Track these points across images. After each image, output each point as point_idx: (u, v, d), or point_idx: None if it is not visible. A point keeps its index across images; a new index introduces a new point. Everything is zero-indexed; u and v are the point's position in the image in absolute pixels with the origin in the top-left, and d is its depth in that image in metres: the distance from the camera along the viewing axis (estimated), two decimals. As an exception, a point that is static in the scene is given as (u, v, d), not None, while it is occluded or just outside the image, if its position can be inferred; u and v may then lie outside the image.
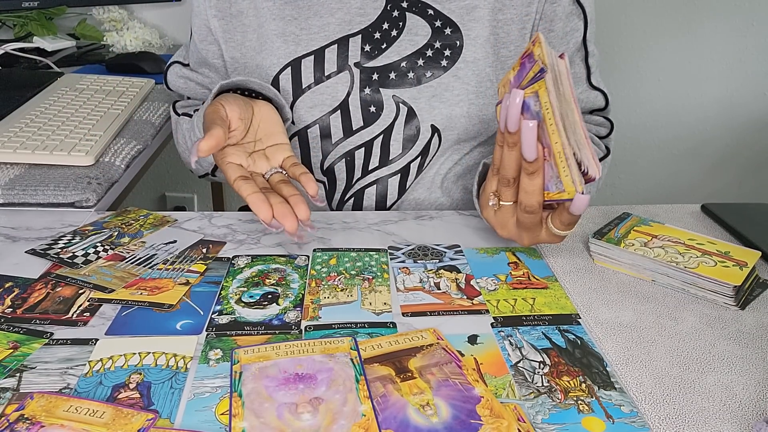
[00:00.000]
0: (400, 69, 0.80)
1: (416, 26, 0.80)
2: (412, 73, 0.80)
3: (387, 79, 0.80)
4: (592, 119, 0.90)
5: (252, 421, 0.46)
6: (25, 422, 0.46)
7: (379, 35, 0.80)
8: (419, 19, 0.80)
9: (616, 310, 0.62)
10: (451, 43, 0.79)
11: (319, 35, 0.80)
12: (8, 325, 0.57)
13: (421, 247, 0.72)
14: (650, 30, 1.78)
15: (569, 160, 0.56)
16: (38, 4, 1.36)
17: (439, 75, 0.80)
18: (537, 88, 0.56)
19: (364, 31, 0.80)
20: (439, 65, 0.80)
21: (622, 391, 0.52)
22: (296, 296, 0.63)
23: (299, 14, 0.81)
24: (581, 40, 0.82)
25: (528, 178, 0.60)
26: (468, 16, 0.79)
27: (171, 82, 0.93)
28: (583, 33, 0.82)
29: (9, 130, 0.90)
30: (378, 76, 0.80)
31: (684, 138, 1.93)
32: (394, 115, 0.81)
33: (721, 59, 1.81)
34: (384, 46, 0.80)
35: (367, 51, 0.80)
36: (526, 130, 0.57)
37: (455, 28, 0.79)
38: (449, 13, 0.80)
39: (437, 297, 0.63)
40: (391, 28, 0.80)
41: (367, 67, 0.80)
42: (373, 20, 0.80)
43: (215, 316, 0.59)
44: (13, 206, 0.78)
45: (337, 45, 0.80)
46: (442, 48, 0.80)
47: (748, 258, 0.66)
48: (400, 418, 0.47)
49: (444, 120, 0.81)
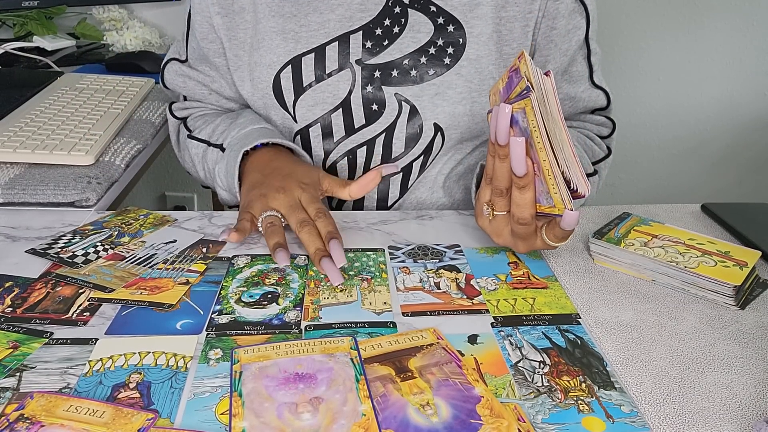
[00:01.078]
0: (402, 66, 0.79)
1: (418, 23, 0.79)
2: (415, 70, 0.79)
3: (389, 77, 0.80)
4: (593, 119, 0.90)
5: (252, 421, 0.46)
6: (25, 422, 0.46)
7: (380, 31, 0.79)
8: (421, 16, 0.79)
9: (616, 310, 0.62)
10: (453, 40, 0.79)
11: (320, 32, 0.80)
12: (8, 324, 0.57)
13: (421, 246, 0.72)
14: (650, 29, 1.78)
15: (557, 178, 0.57)
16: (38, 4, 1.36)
17: (442, 73, 0.79)
18: (524, 105, 0.56)
19: (364, 27, 0.79)
20: (442, 63, 0.79)
21: (622, 390, 0.52)
22: (296, 296, 0.62)
23: (298, 11, 0.80)
24: (584, 38, 0.82)
25: (519, 192, 0.60)
26: (471, 13, 0.79)
27: (168, 80, 0.92)
28: (585, 31, 0.81)
29: (9, 129, 0.90)
30: (380, 73, 0.79)
31: (684, 138, 1.93)
32: (397, 113, 0.80)
33: (721, 59, 1.81)
34: (386, 43, 0.79)
35: (369, 48, 0.79)
36: (515, 146, 0.57)
37: (458, 25, 0.79)
38: (452, 9, 0.79)
39: (437, 297, 0.63)
40: (393, 25, 0.79)
41: (369, 65, 0.80)
42: (374, 16, 0.79)
43: (215, 316, 0.59)
44: (12, 206, 0.78)
45: (337, 42, 0.79)
46: (445, 45, 0.79)
47: (748, 258, 0.66)
48: (400, 417, 0.47)
49: (447, 118, 0.80)
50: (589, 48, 0.83)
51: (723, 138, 1.92)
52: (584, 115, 0.89)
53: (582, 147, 0.84)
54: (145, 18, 1.60)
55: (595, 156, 0.86)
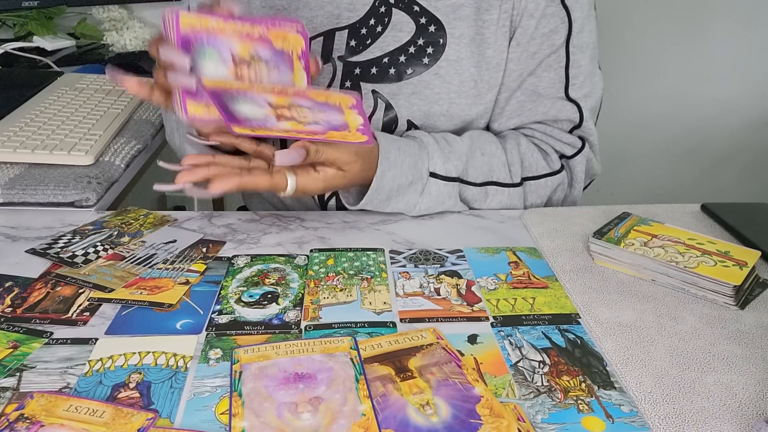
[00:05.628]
0: (381, 64, 0.80)
1: (401, 22, 0.80)
2: (393, 69, 0.80)
3: (368, 74, 0.81)
4: (562, 136, 0.83)
5: (252, 421, 0.46)
6: (25, 422, 0.46)
7: (365, 31, 0.80)
8: (404, 16, 0.80)
9: (616, 310, 0.62)
10: (434, 40, 0.79)
11: (307, 27, 0.81)
12: (8, 324, 0.57)
13: (423, 251, 0.72)
14: (650, 30, 1.78)
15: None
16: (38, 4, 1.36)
17: (420, 72, 0.80)
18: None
19: (351, 27, 0.81)
20: (421, 62, 0.80)
21: (621, 390, 0.52)
22: (296, 296, 0.63)
23: (289, 4, 0.82)
24: (561, 44, 0.79)
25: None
26: (453, 15, 0.79)
27: None
28: (565, 37, 0.78)
29: (9, 129, 0.90)
30: (360, 70, 0.80)
31: (684, 138, 1.93)
32: (372, 109, 0.81)
33: (721, 59, 1.82)
34: (368, 42, 0.80)
35: (352, 46, 0.81)
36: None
37: (440, 26, 0.79)
38: (435, 10, 0.79)
39: (437, 303, 0.62)
40: (376, 24, 0.80)
41: (351, 62, 0.81)
42: (361, 16, 0.80)
43: (215, 316, 0.59)
44: (12, 206, 0.78)
45: (323, 38, 0.81)
46: (425, 45, 0.79)
47: (747, 258, 0.66)
48: (399, 417, 0.47)
49: (422, 117, 0.81)
50: (569, 57, 0.80)
51: (723, 138, 1.92)
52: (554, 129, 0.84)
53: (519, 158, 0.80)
54: (145, 18, 1.60)
55: (532, 171, 0.81)
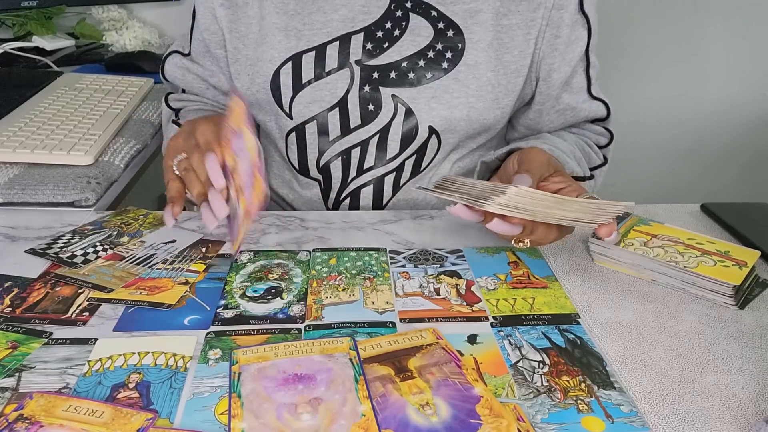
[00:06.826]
0: (400, 69, 0.80)
1: (419, 27, 0.80)
2: (413, 73, 0.80)
3: (387, 78, 0.80)
4: (592, 128, 0.90)
5: (251, 422, 0.46)
6: (25, 422, 0.46)
7: (381, 34, 0.80)
8: (422, 20, 0.80)
9: (615, 310, 0.62)
10: (452, 45, 0.80)
11: (322, 31, 0.80)
12: (7, 324, 0.57)
13: (423, 251, 0.72)
14: (650, 30, 1.78)
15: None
16: (37, 4, 1.36)
17: (439, 77, 0.80)
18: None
19: (366, 29, 0.80)
20: (440, 67, 0.80)
21: (621, 390, 0.52)
22: (299, 290, 0.63)
23: (303, 9, 0.81)
24: (584, 50, 0.82)
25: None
26: (471, 20, 0.79)
27: (168, 72, 0.93)
28: (586, 43, 0.82)
29: (8, 129, 0.90)
30: (378, 74, 0.80)
31: (683, 137, 1.93)
32: (392, 114, 0.81)
33: (721, 59, 1.81)
34: (386, 45, 0.80)
35: (369, 49, 0.80)
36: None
37: (458, 30, 0.79)
38: (453, 15, 0.80)
39: (436, 303, 0.62)
40: (393, 28, 0.80)
41: (368, 65, 0.80)
42: (376, 19, 0.80)
43: (220, 311, 0.60)
44: (12, 206, 0.78)
45: (338, 42, 0.80)
46: (444, 50, 0.80)
47: (747, 258, 0.66)
48: (399, 417, 0.47)
49: (442, 122, 0.81)
50: (589, 60, 0.84)
51: (722, 138, 1.92)
52: (584, 123, 0.90)
53: (581, 152, 0.85)
54: (144, 18, 1.60)
55: (591, 162, 0.87)
